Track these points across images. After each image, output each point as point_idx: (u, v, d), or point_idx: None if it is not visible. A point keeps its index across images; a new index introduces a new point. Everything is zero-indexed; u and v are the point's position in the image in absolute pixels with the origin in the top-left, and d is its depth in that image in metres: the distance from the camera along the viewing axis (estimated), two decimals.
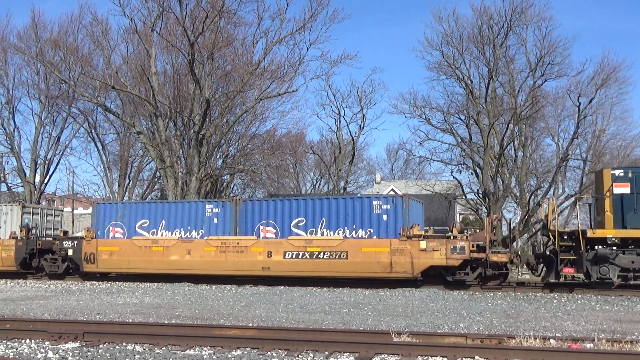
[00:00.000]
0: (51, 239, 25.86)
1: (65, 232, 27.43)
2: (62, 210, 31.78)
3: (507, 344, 9.29)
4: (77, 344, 9.36)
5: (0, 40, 43.15)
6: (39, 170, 43.75)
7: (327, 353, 8.64)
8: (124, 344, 9.36)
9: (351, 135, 50.10)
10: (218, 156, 41.54)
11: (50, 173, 44.42)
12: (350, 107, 63.29)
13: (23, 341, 9.63)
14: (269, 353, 8.71)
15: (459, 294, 18.47)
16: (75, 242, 24.39)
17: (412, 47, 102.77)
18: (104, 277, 25.02)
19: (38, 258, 25.15)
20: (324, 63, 61.24)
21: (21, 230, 25.60)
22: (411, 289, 19.43)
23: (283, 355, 8.59)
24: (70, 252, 24.24)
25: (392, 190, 46.92)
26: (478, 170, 37.54)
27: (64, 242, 24.57)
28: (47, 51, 40.51)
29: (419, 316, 13.37)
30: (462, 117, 39.53)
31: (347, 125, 51.60)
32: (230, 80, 38.62)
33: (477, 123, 37.18)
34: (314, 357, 8.47)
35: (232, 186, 48.89)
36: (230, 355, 8.53)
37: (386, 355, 8.51)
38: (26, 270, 25.54)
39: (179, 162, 37.05)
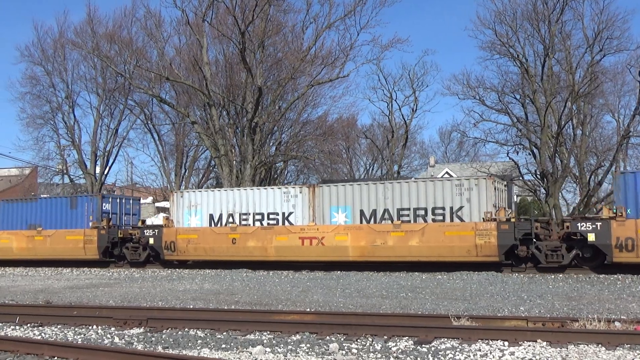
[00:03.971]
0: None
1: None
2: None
3: (570, 327, 9.09)
4: (142, 330, 9.62)
5: (59, 37, 44.48)
6: (99, 162, 45.10)
7: (385, 337, 8.64)
8: (186, 329, 9.57)
9: (404, 119, 49.73)
10: (271, 143, 41.88)
11: (109, 164, 45.72)
12: (402, 90, 62.55)
13: (90, 327, 9.95)
14: (327, 337, 8.76)
15: (518, 277, 18.17)
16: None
17: (464, 26, 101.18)
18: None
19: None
20: (375, 47, 61.05)
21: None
22: (469, 272, 19.22)
23: (342, 339, 8.63)
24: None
25: (447, 173, 46.42)
26: (535, 150, 36.68)
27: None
28: (103, 45, 41.56)
29: (478, 300, 13.22)
30: (518, 97, 38.62)
31: (400, 109, 51.21)
32: (281, 68, 38.74)
33: (534, 102, 36.29)
34: (372, 341, 8.48)
35: (285, 173, 49.21)
36: (289, 340, 8.62)
37: (445, 339, 8.45)
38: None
39: (233, 150, 37.47)
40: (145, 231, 24.60)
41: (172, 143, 47.09)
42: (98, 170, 45.03)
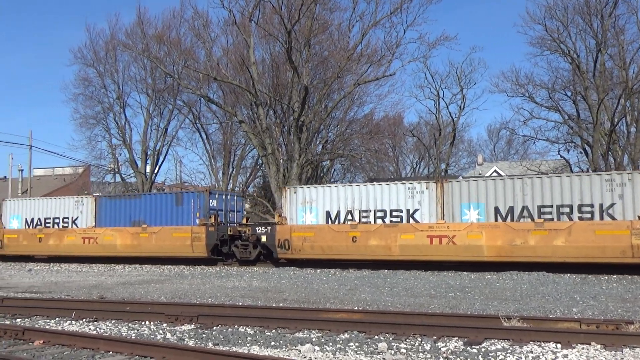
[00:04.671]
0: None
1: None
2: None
3: (625, 329, 8.86)
4: (193, 326, 9.78)
5: (110, 39, 45.54)
6: (149, 161, 46.02)
7: (434, 337, 8.58)
8: (236, 326, 9.68)
9: (451, 117, 49.27)
10: (318, 142, 42.00)
11: (159, 163, 46.63)
12: (449, 87, 62.17)
13: (143, 323, 10.16)
14: (376, 337, 8.75)
15: (570, 278, 17.79)
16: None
17: (513, 22, 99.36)
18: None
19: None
20: (422, 45, 60.72)
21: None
22: (519, 272, 18.90)
23: (390, 339, 8.60)
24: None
25: (495, 171, 45.71)
26: (587, 148, 35.89)
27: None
28: (152, 46, 42.42)
29: (529, 300, 13.00)
30: (569, 93, 37.88)
31: (447, 107, 50.89)
32: (327, 66, 38.84)
33: (585, 99, 35.50)
34: (421, 341, 8.43)
35: (332, 171, 49.29)
36: (338, 339, 8.64)
37: (496, 341, 8.34)
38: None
39: (279, 149, 37.72)
40: (257, 228, 23.89)
41: (219, 142, 47.72)
42: (148, 169, 45.98)
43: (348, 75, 38.12)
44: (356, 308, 11.76)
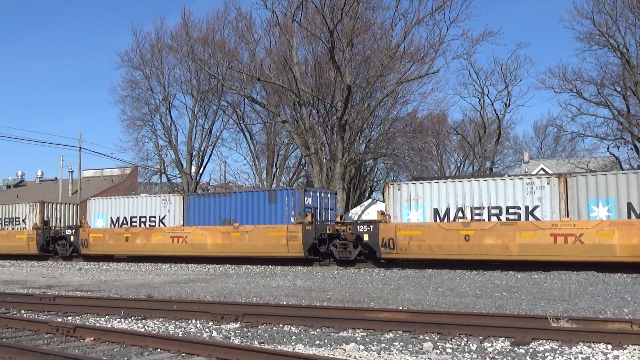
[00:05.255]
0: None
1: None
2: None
3: None
4: (238, 325, 9.87)
5: (156, 42, 46.35)
6: (194, 161, 46.65)
7: (481, 337, 8.47)
8: (281, 325, 9.74)
9: (496, 114, 48.63)
10: (361, 141, 41.97)
11: (204, 163, 47.27)
12: (494, 84, 61.17)
13: (189, 321, 10.31)
14: (421, 336, 8.69)
15: (620, 277, 17.34)
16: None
17: (560, 17, 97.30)
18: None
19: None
20: (465, 42, 59.87)
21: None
22: (568, 272, 18.51)
23: (436, 338, 8.53)
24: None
25: (542, 169, 44.88)
26: (638, 144, 34.90)
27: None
28: (197, 48, 43.02)
29: (577, 300, 12.72)
30: (618, 89, 36.94)
31: (492, 104, 50.12)
32: (370, 65, 38.75)
33: (636, 94, 34.55)
34: (467, 341, 8.33)
35: (375, 171, 49.15)
36: (382, 338, 8.61)
37: (544, 341, 8.18)
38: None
39: (323, 148, 37.81)
40: (358, 227, 22.87)
41: (263, 142, 48.09)
42: (193, 169, 46.64)
43: (391, 73, 38.00)
44: (400, 307, 11.70)
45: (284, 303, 12.61)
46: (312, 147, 35.65)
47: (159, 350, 7.76)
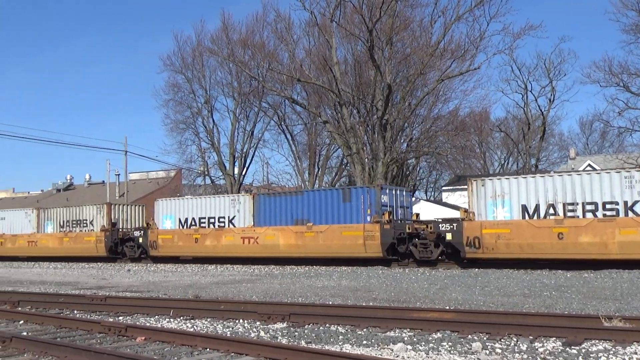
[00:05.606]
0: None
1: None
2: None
3: None
4: (285, 324, 9.93)
5: (197, 46, 46.95)
6: (237, 163, 47.08)
7: (531, 337, 8.34)
8: (327, 325, 9.76)
9: (540, 110, 47.85)
10: (402, 140, 41.74)
11: (247, 165, 47.69)
12: (537, 80, 60.06)
13: (237, 321, 10.41)
14: (469, 336, 8.60)
15: None
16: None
17: (604, 10, 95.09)
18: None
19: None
20: (507, 37, 58.92)
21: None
22: (619, 270, 18.07)
23: (484, 338, 8.43)
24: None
25: (589, 165, 43.94)
26: None
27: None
28: (237, 51, 43.41)
29: (630, 299, 12.41)
30: None
31: (535, 100, 49.32)
32: (410, 64, 38.52)
33: None
34: (517, 341, 8.21)
35: (417, 169, 48.85)
36: (430, 338, 8.55)
37: (597, 341, 8.01)
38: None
39: (364, 148, 37.74)
40: (440, 225, 22.04)
41: (304, 143, 48.24)
42: (236, 171, 47.06)
43: (431, 71, 37.69)
44: (447, 307, 11.59)
45: (330, 303, 12.63)
46: (354, 147, 35.61)
47: (208, 349, 7.86)
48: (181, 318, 10.83)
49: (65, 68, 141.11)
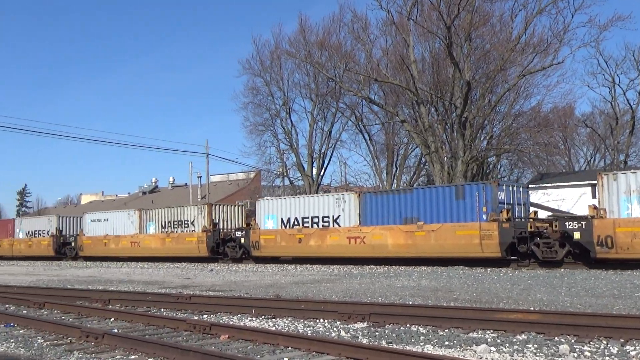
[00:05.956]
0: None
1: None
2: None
3: None
4: (365, 324, 9.92)
5: (275, 49, 47.65)
6: (315, 164, 47.45)
7: (622, 340, 7.99)
8: (408, 325, 9.69)
9: (629, 104, 45.80)
10: (482, 138, 40.86)
11: (324, 166, 47.99)
12: (626, 72, 57.38)
13: (317, 320, 10.48)
14: (556, 338, 8.33)
15: None
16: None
17: None
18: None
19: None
20: (592, 29, 56.70)
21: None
22: None
23: (572, 341, 8.15)
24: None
25: None
26: None
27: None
28: (314, 52, 43.75)
29: None
30: None
31: (624, 93, 47.31)
32: (489, 60, 37.68)
33: None
34: (607, 344, 7.89)
35: (498, 167, 47.75)
36: (514, 340, 8.34)
37: None
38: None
39: (443, 146, 37.22)
40: (567, 223, 20.71)
41: (382, 142, 48.08)
42: (314, 171, 47.43)
43: (512, 67, 36.72)
44: (532, 308, 11.27)
45: (410, 303, 12.53)
46: (432, 146, 35.18)
47: (290, 348, 7.95)
48: (263, 317, 11.00)
49: (149, 75, 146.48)
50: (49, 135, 78.00)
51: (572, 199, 37.12)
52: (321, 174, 47.88)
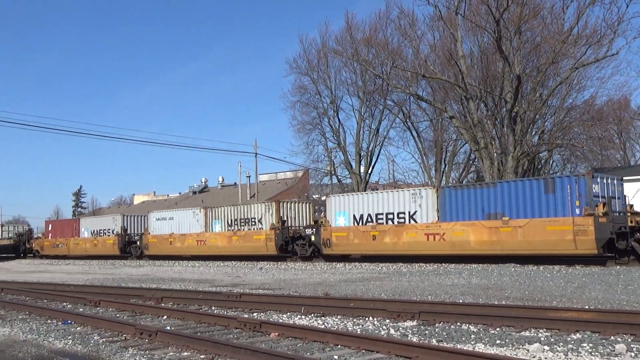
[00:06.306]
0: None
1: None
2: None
3: None
4: (415, 322, 9.86)
5: (322, 47, 47.69)
6: (363, 162, 47.31)
7: None
8: (458, 323, 9.59)
9: None
10: (533, 133, 40.05)
11: (372, 163, 47.78)
12: None
13: (366, 319, 10.47)
14: (612, 338, 8.12)
15: None
16: None
17: None
18: None
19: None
20: None
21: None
22: None
23: (629, 340, 7.93)
24: None
25: None
26: None
27: None
28: (361, 50, 43.62)
29: None
30: None
31: None
32: (540, 53, 36.85)
33: None
34: None
35: (550, 163, 46.73)
36: (569, 339, 8.16)
37: None
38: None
39: (493, 142, 36.62)
40: None
41: (430, 139, 47.60)
42: (362, 169, 47.30)
43: (564, 59, 35.78)
44: (587, 307, 11.01)
45: (460, 301, 12.39)
46: (482, 142, 34.65)
47: (339, 346, 7.97)
48: (312, 315, 11.05)
49: (198, 78, 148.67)
50: (104, 138, 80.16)
51: (629, 194, 35.99)
52: (369, 171, 47.74)
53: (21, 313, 12.44)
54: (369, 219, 27.39)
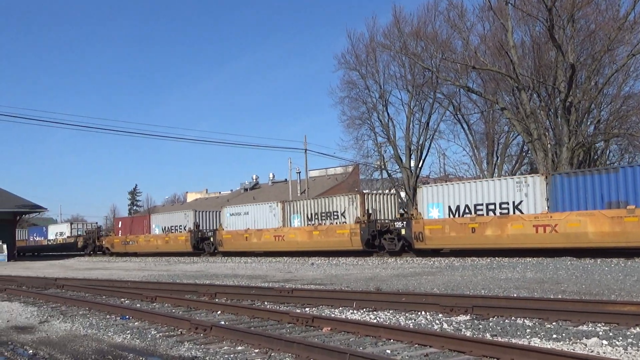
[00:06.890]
0: None
1: None
2: None
3: None
4: (468, 317, 9.76)
5: (370, 42, 47.47)
6: (413, 156, 46.96)
7: None
8: (513, 318, 9.44)
9: None
10: (589, 123, 38.98)
11: (423, 157, 47.34)
12: None
13: (419, 313, 10.41)
14: None
15: None
16: None
17: None
18: None
19: None
20: None
21: None
22: None
23: None
24: None
25: None
26: None
27: None
28: (409, 43, 43.24)
29: None
30: None
31: None
32: (595, 40, 35.84)
33: None
34: None
35: (607, 153, 45.39)
36: (629, 333, 7.94)
37: None
38: None
39: (546, 133, 35.87)
40: None
41: (481, 131, 46.86)
42: (413, 163, 46.96)
43: (620, 46, 34.76)
44: None
45: (515, 295, 12.19)
46: (535, 133, 33.96)
47: (392, 340, 7.95)
48: (364, 310, 11.05)
49: (248, 76, 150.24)
50: (157, 137, 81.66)
51: None
52: (420, 165, 47.35)
53: (82, 309, 12.82)
54: (467, 210, 25.92)
